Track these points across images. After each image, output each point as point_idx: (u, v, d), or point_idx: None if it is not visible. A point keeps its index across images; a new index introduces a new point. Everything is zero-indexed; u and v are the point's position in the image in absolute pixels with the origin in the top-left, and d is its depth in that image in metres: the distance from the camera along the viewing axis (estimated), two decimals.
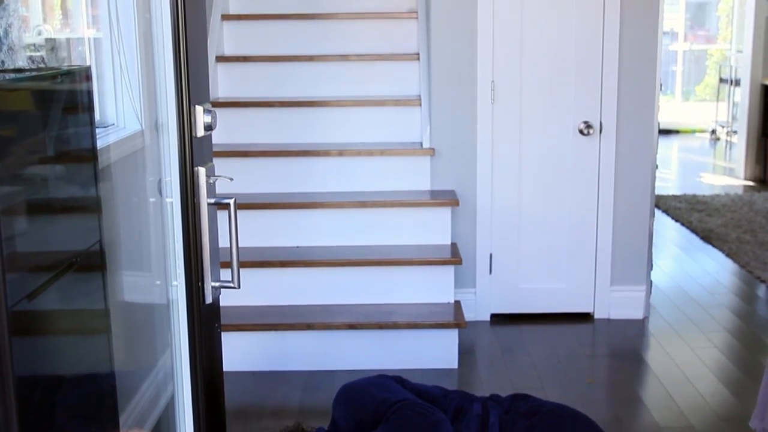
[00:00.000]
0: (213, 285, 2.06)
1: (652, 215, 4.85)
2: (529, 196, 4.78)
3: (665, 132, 11.55)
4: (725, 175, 9.41)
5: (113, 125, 2.83)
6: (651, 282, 5.00)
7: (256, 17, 5.16)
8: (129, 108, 2.75)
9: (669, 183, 9.00)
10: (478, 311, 4.83)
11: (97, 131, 2.22)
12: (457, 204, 4.51)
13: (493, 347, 4.48)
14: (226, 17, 5.15)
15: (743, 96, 9.15)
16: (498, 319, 4.86)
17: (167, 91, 1.91)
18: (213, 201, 2.00)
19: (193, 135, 1.95)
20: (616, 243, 4.81)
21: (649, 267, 4.92)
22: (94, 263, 2.05)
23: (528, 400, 2.81)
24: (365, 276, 4.33)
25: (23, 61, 2.06)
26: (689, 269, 5.82)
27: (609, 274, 4.83)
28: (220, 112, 4.40)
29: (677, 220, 7.17)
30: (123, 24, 2.59)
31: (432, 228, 4.52)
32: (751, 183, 8.83)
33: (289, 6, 5.17)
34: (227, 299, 4.06)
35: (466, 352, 4.35)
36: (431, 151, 4.68)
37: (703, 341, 4.51)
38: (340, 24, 5.15)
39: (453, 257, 4.34)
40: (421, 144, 4.76)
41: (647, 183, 4.78)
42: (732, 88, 10.95)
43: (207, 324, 2.13)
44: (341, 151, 4.66)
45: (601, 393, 3.94)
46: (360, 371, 3.89)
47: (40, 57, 2.29)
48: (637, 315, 4.86)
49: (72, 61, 2.94)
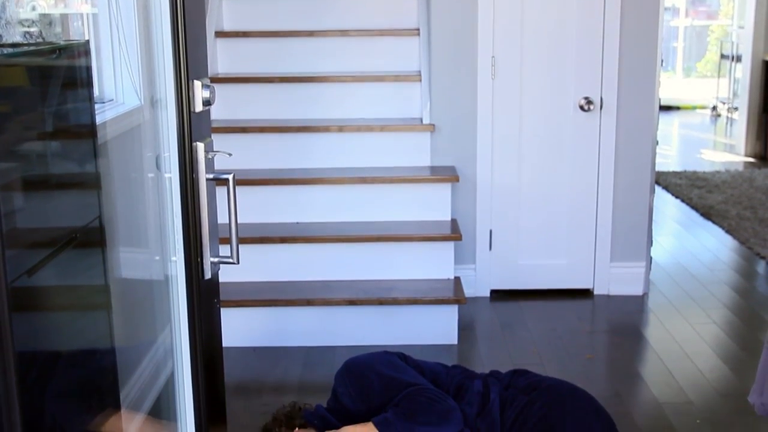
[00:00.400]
0: (212, 260, 2.06)
1: (652, 191, 4.84)
2: (530, 172, 4.77)
3: (666, 108, 11.52)
4: (726, 152, 9.39)
5: (112, 101, 2.82)
6: (651, 258, 5.00)
7: None
8: (128, 83, 2.73)
9: (669, 159, 8.98)
10: (477, 287, 4.84)
11: (96, 107, 2.22)
12: (457, 180, 4.51)
13: (493, 323, 4.49)
14: None
15: (744, 72, 9.11)
16: (498, 295, 4.86)
17: (165, 66, 1.90)
18: (212, 176, 2.00)
19: (192, 110, 1.94)
20: (616, 219, 4.81)
21: (649, 243, 4.92)
22: (93, 239, 2.05)
23: (527, 375, 2.82)
24: (365, 252, 4.33)
25: (19, 37, 2.05)
26: (689, 246, 5.82)
27: (609, 250, 4.83)
28: (219, 87, 4.39)
29: (677, 196, 7.17)
30: None
31: (432, 204, 4.51)
32: (752, 159, 8.81)
33: None
34: (227, 275, 4.06)
35: (465, 328, 4.36)
36: (431, 127, 4.67)
37: (703, 317, 4.51)
38: None
39: (453, 233, 4.34)
40: (421, 120, 4.75)
41: (647, 159, 4.77)
42: (733, 64, 10.90)
43: (206, 300, 2.13)
44: (341, 127, 4.65)
45: (601, 369, 3.96)
46: (360, 347, 3.90)
47: (37, 32, 2.28)
48: (637, 291, 4.86)
49: (70, 37, 2.93)
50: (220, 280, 2.28)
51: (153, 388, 2.33)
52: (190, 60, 1.92)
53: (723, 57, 11.76)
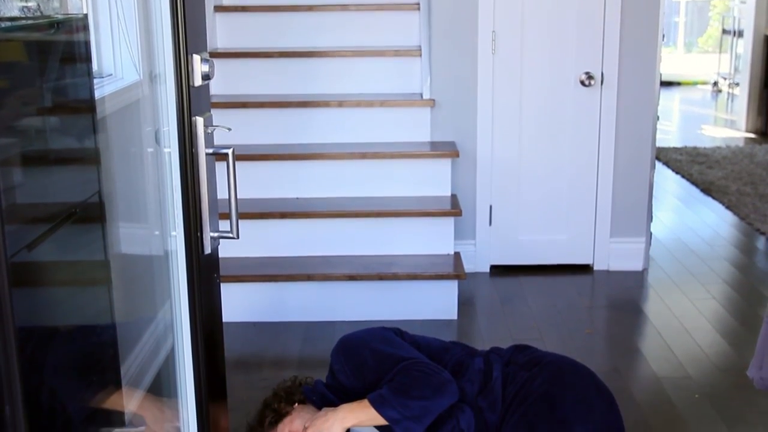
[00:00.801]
0: (212, 235, 2.06)
1: (652, 167, 4.83)
2: (530, 147, 4.76)
3: (667, 84, 11.48)
4: (726, 128, 9.37)
5: (111, 75, 2.80)
6: (651, 234, 5.00)
7: None
8: (127, 58, 2.72)
9: (670, 135, 8.96)
10: (477, 263, 4.84)
11: (95, 81, 2.20)
12: (457, 155, 4.50)
13: (493, 298, 4.49)
14: None
15: (746, 47, 9.08)
16: (497, 271, 4.87)
17: (164, 40, 1.89)
18: (211, 151, 1.99)
19: (191, 84, 1.93)
20: (616, 195, 4.80)
21: (649, 219, 4.92)
22: (93, 214, 2.04)
23: (528, 351, 2.81)
24: (365, 227, 4.33)
25: (17, 11, 2.04)
26: (689, 221, 5.82)
27: (609, 225, 4.83)
28: (218, 62, 4.37)
29: (678, 172, 7.16)
30: None
31: (432, 179, 4.50)
32: (753, 135, 8.79)
33: None
34: (227, 251, 4.06)
35: (465, 303, 4.36)
36: (431, 102, 4.65)
37: (702, 293, 4.52)
38: None
39: (453, 209, 4.33)
40: (421, 95, 4.73)
41: (648, 135, 4.76)
42: (735, 39, 10.86)
43: (206, 275, 2.13)
44: (341, 102, 4.63)
45: (600, 344, 3.97)
46: (360, 322, 3.90)
47: (35, 6, 2.26)
48: (637, 267, 4.87)
49: (68, 11, 2.91)
50: (219, 255, 2.28)
51: (153, 363, 2.33)
52: (189, 34, 1.91)
53: (724, 32, 11.71)
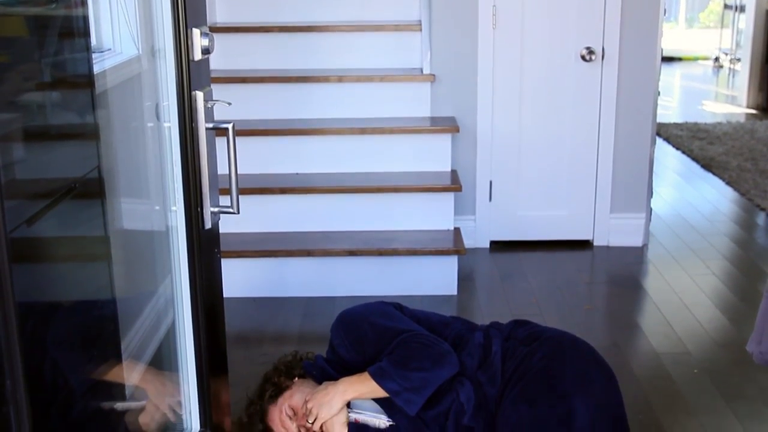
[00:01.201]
0: (212, 210, 2.06)
1: (653, 143, 4.83)
2: (530, 122, 4.75)
3: (668, 59, 11.44)
4: (727, 103, 9.35)
5: (110, 50, 2.78)
6: (651, 209, 5.00)
7: None
8: (125, 32, 2.70)
9: (671, 111, 8.95)
10: (477, 238, 4.84)
11: (94, 56, 2.19)
12: (458, 131, 4.49)
13: (493, 274, 4.50)
14: None
15: (748, 23, 9.04)
16: (497, 246, 4.87)
17: (164, 14, 1.88)
18: (211, 126, 1.99)
19: (191, 59, 1.92)
20: (616, 170, 4.79)
21: (649, 194, 4.92)
22: (92, 189, 2.03)
23: (528, 326, 2.82)
24: (365, 203, 4.33)
25: None
26: (689, 197, 5.82)
27: (609, 201, 4.82)
28: (218, 37, 4.34)
29: (678, 147, 7.15)
30: None
31: (432, 155, 4.49)
32: (754, 111, 8.77)
33: None
34: (227, 226, 4.06)
35: (465, 278, 4.37)
36: (431, 77, 4.64)
37: (702, 268, 4.52)
38: None
39: (453, 184, 4.33)
40: (422, 70, 4.71)
41: (649, 110, 4.74)
42: (736, 14, 10.81)
43: (207, 250, 2.13)
44: (341, 77, 4.61)
45: (600, 319, 3.97)
46: (359, 297, 3.91)
47: None
48: (637, 242, 4.87)
49: None
50: (220, 230, 2.28)
51: (154, 338, 2.34)
52: (188, 8, 1.90)
53: (726, 7, 11.66)
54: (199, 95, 1.94)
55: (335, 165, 4.50)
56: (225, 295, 2.41)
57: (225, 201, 2.09)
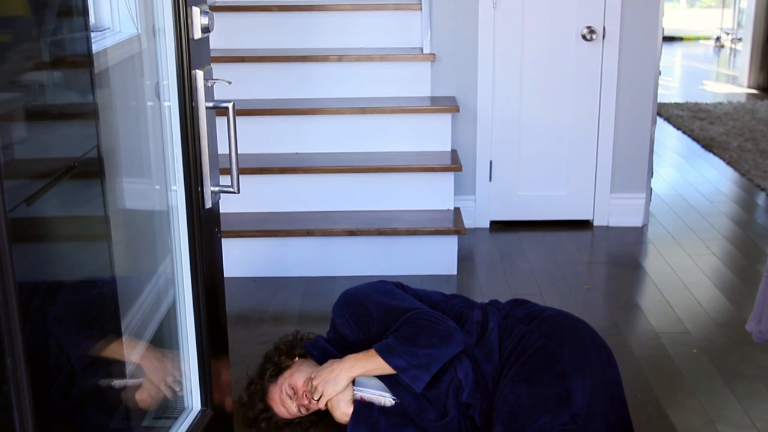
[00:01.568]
0: (212, 189, 2.06)
1: (653, 123, 4.82)
2: (531, 102, 4.74)
3: (669, 39, 11.40)
4: (728, 83, 9.33)
5: (109, 29, 2.77)
6: (651, 189, 5.00)
7: None
8: (124, 11, 2.69)
9: (671, 90, 8.92)
10: (477, 218, 4.84)
11: (93, 35, 2.18)
12: (458, 110, 4.48)
13: (492, 254, 4.50)
14: None
15: (749, 2, 8.99)
16: (497, 226, 4.87)
17: None
18: (211, 105, 1.98)
19: (190, 37, 1.91)
20: (616, 150, 4.79)
21: (650, 174, 4.91)
22: (92, 169, 2.03)
23: (527, 305, 2.83)
24: (365, 182, 4.32)
25: None
26: (689, 177, 5.81)
27: (609, 181, 4.82)
28: (217, 16, 4.33)
29: (679, 128, 7.13)
30: None
31: (432, 135, 4.49)
32: (755, 91, 8.75)
33: None
34: (227, 206, 4.06)
35: (465, 258, 4.37)
36: (432, 57, 4.62)
37: (702, 249, 4.53)
38: None
39: (453, 164, 4.32)
40: (422, 49, 4.69)
41: (650, 90, 4.73)
42: None
43: (207, 229, 2.13)
44: (340, 57, 4.60)
45: (599, 299, 3.98)
46: (359, 277, 3.92)
47: None
48: (637, 222, 4.87)
49: None
50: (220, 210, 2.28)
51: (155, 317, 2.34)
52: None
53: None
54: (199, 74, 1.94)
55: (335, 145, 4.50)
56: (225, 275, 2.42)
57: (225, 180, 2.09)
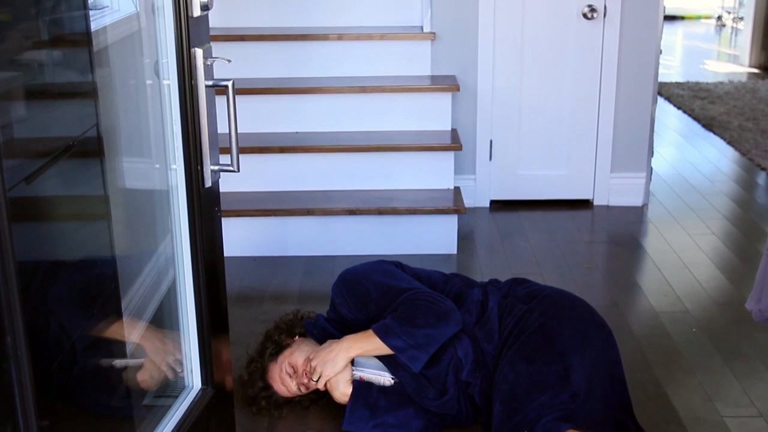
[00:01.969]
0: (212, 168, 2.05)
1: (654, 102, 4.80)
2: (531, 81, 4.72)
3: (670, 18, 11.36)
4: (729, 63, 9.30)
5: (107, 7, 2.76)
6: (651, 169, 4.99)
7: None
8: None
9: (672, 70, 8.90)
10: (477, 197, 4.84)
11: (91, 13, 2.17)
12: (458, 89, 4.46)
13: (492, 233, 4.50)
14: None
15: None
16: (497, 206, 4.87)
17: None
18: (211, 83, 1.97)
19: (189, 15, 1.90)
20: (617, 130, 4.78)
21: (650, 154, 4.91)
22: (91, 148, 2.03)
23: (526, 284, 2.83)
24: (365, 162, 4.32)
25: None
26: (690, 157, 5.81)
27: (609, 160, 4.81)
28: None
29: (679, 107, 7.12)
30: None
31: (432, 114, 4.47)
32: (756, 70, 8.73)
33: None
34: (227, 185, 4.06)
35: (465, 237, 4.37)
36: (432, 36, 4.60)
37: (702, 228, 4.53)
38: None
39: (453, 143, 4.31)
40: (422, 28, 4.68)
41: (650, 69, 4.72)
42: None
43: (207, 208, 2.13)
44: (340, 36, 4.58)
45: (599, 278, 3.98)
46: (359, 256, 3.92)
47: None
48: (637, 202, 4.87)
49: None
50: (220, 189, 2.27)
51: (155, 296, 2.34)
52: None
53: None
54: (198, 52, 1.93)
55: (335, 124, 4.49)
56: (225, 254, 2.42)
57: (225, 160, 2.08)
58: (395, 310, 2.69)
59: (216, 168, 2.07)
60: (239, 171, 2.07)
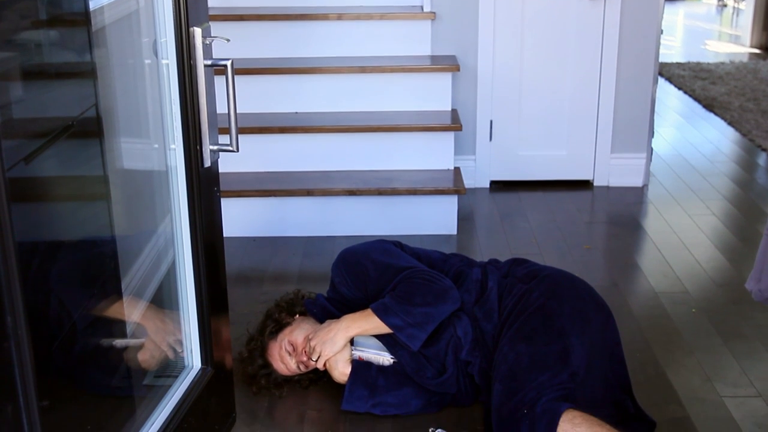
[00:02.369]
0: (211, 148, 2.05)
1: (655, 82, 4.79)
2: (531, 61, 4.71)
3: None
4: (731, 43, 9.26)
5: None
6: (652, 150, 4.98)
7: None
8: None
9: (673, 50, 8.86)
10: (477, 178, 4.84)
11: None
12: (458, 69, 4.44)
13: (492, 214, 4.50)
14: None
15: None
16: (497, 186, 4.86)
17: None
18: (210, 62, 1.97)
19: None
20: (617, 110, 4.77)
21: (650, 134, 4.90)
22: (90, 128, 2.02)
23: (526, 264, 2.84)
24: (365, 142, 4.31)
25: None
26: (690, 137, 5.80)
27: (610, 141, 4.81)
28: None
29: (680, 87, 7.10)
30: None
31: (432, 94, 4.46)
32: (757, 51, 8.69)
33: None
34: (226, 165, 4.05)
35: (465, 218, 4.37)
36: (432, 15, 4.58)
37: (702, 209, 4.52)
38: None
39: (453, 123, 4.30)
40: (422, 7, 4.65)
41: (651, 49, 4.70)
42: None
43: (206, 188, 2.13)
44: (340, 15, 4.56)
45: (599, 259, 3.98)
46: (359, 237, 3.92)
47: None
48: (637, 182, 4.86)
49: None
50: (219, 170, 2.27)
51: (155, 276, 2.35)
52: None
53: None
54: (197, 31, 1.92)
55: (335, 104, 4.47)
56: (225, 235, 2.42)
57: (224, 140, 2.08)
58: (394, 288, 2.70)
59: (215, 148, 2.06)
60: (238, 151, 2.07)
